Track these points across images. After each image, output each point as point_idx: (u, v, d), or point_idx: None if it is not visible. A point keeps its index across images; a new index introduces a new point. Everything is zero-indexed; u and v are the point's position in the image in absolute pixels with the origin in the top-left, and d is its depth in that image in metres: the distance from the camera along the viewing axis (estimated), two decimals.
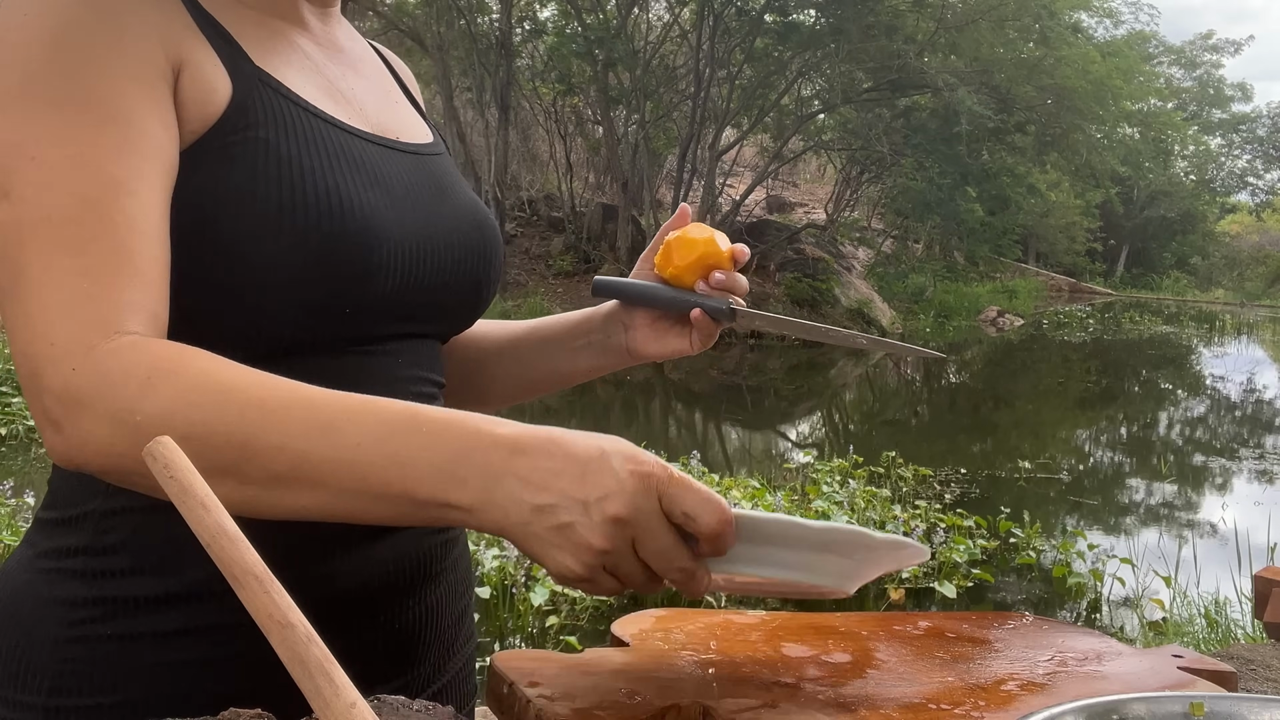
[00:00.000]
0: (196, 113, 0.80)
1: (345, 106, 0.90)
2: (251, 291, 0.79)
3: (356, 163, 0.85)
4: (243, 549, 0.66)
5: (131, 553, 0.82)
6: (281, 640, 0.61)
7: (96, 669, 0.81)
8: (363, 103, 0.93)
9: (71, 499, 0.84)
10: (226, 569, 0.65)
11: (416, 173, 0.91)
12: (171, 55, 0.80)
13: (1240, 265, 40.98)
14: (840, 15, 17.76)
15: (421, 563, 0.93)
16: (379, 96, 0.96)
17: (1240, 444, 10.76)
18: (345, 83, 0.92)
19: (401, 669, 0.92)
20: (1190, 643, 4.42)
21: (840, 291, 18.61)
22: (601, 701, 0.70)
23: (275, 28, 0.89)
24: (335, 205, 0.81)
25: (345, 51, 0.96)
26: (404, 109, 1.00)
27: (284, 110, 0.83)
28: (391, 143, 0.91)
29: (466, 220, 0.94)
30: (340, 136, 0.85)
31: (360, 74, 0.96)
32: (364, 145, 0.87)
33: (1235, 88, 41.93)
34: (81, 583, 0.82)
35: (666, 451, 7.03)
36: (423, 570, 0.93)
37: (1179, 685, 0.77)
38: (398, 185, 0.88)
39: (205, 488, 0.68)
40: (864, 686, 0.75)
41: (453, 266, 0.90)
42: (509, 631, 4.59)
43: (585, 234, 19.23)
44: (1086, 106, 20.09)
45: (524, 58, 20.42)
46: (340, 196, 0.81)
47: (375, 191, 0.84)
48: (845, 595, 0.74)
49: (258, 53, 0.85)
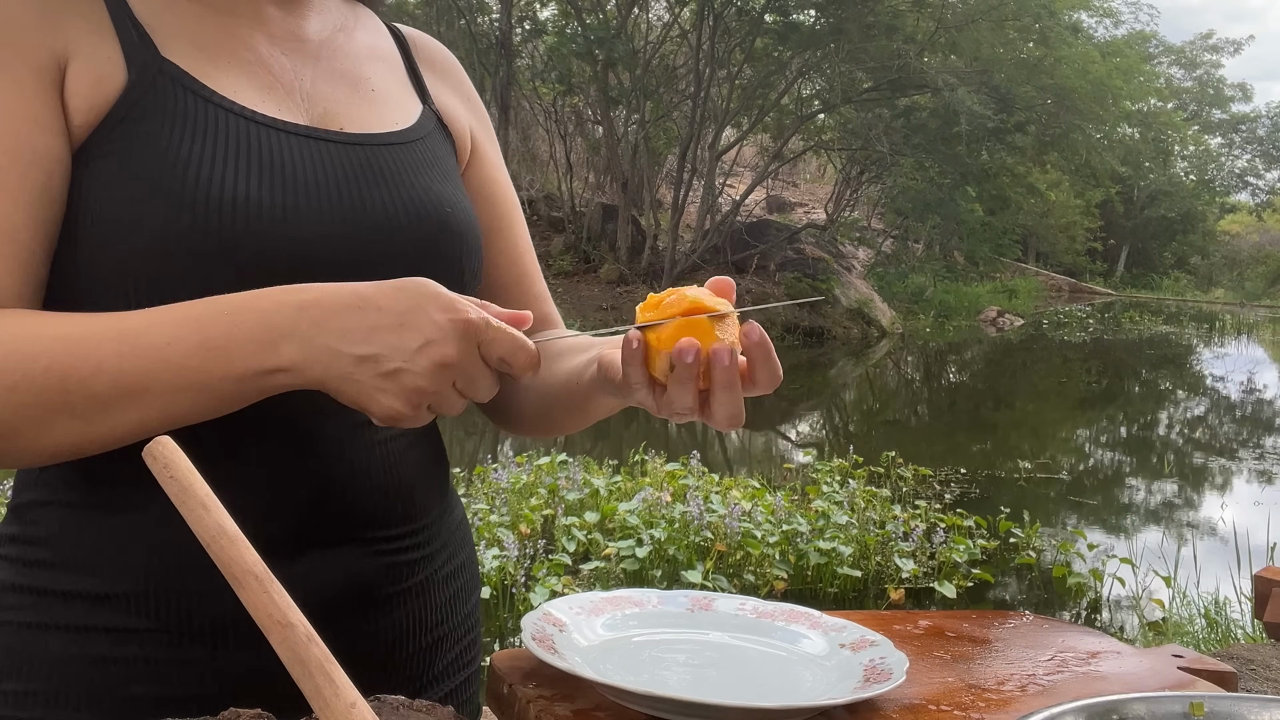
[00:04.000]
0: (86, 105, 0.81)
1: (281, 99, 0.89)
2: (127, 286, 0.80)
3: (252, 154, 0.84)
4: (242, 549, 0.66)
5: (53, 546, 0.84)
6: (281, 640, 0.61)
7: (11, 655, 0.84)
8: (311, 94, 0.92)
9: (18, 487, 0.88)
10: (226, 569, 0.65)
11: (349, 164, 0.89)
12: (58, 48, 0.82)
13: (1240, 265, 40.94)
14: (840, 15, 17.75)
15: (361, 585, 0.89)
16: (344, 87, 0.95)
17: (1240, 444, 10.76)
18: (292, 75, 0.92)
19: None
20: (1190, 643, 4.42)
21: (840, 291, 18.59)
22: (601, 701, 0.70)
23: (212, 20, 0.89)
24: (204, 198, 0.80)
25: (308, 42, 0.95)
26: (383, 96, 0.98)
27: (179, 102, 0.83)
28: (326, 134, 0.90)
29: (413, 214, 0.91)
30: (244, 128, 0.85)
31: (322, 64, 0.95)
32: (277, 137, 0.86)
33: (1235, 88, 41.89)
34: (12, 569, 0.86)
35: (667, 452, 7.02)
36: (364, 595, 0.89)
37: (1179, 685, 0.77)
38: (307, 177, 0.86)
39: (205, 488, 0.68)
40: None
41: (384, 261, 0.86)
42: (509, 631, 4.59)
43: (585, 234, 19.21)
44: (1086, 106, 20.07)
45: (524, 58, 20.40)
46: (216, 188, 0.81)
47: (267, 183, 0.83)
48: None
49: (174, 44, 0.86)
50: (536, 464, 6.34)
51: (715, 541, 5.29)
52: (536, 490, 6.00)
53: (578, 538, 5.36)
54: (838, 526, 5.55)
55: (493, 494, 5.86)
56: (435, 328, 0.73)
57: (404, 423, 0.75)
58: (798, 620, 0.84)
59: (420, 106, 1.01)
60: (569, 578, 4.94)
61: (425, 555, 0.96)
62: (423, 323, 0.73)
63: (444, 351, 0.73)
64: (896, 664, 0.74)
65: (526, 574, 4.87)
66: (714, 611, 0.85)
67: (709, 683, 0.75)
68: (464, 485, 6.24)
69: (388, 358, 0.73)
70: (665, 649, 0.80)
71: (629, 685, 0.67)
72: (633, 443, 7.69)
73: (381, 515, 0.91)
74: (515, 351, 0.75)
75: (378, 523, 0.91)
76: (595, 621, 0.82)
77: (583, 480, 6.03)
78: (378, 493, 0.90)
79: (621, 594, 0.87)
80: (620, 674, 0.72)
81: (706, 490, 5.95)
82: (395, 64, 1.03)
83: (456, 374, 0.74)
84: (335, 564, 0.88)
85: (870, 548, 5.49)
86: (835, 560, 5.29)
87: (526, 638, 0.74)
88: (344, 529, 0.88)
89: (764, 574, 5.20)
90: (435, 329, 0.73)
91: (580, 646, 0.77)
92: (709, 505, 5.54)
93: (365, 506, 0.90)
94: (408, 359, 0.73)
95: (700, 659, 0.79)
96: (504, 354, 0.75)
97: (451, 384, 0.75)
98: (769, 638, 0.82)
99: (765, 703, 0.68)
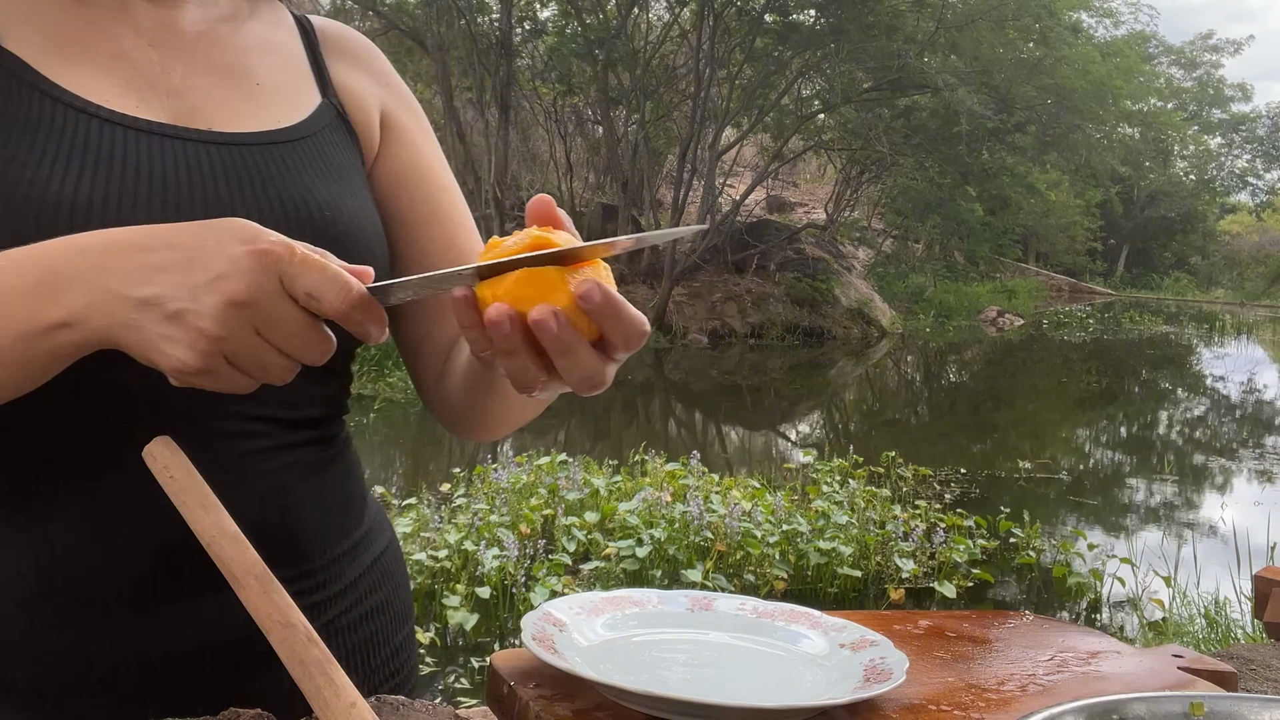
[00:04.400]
0: None
1: (142, 95, 0.85)
2: None
3: (89, 152, 0.79)
4: (243, 549, 0.66)
5: None
6: (281, 640, 0.61)
7: None
8: (180, 90, 0.87)
9: None
10: (226, 569, 0.65)
11: (213, 165, 0.84)
12: None
13: (1240, 265, 40.94)
14: (840, 15, 17.75)
15: (236, 640, 0.81)
16: (222, 82, 0.89)
17: (1240, 444, 10.76)
18: (158, 69, 0.87)
19: None
20: (1190, 643, 4.42)
21: (840, 291, 18.60)
22: (602, 701, 0.70)
23: (72, 11, 0.86)
24: (24, 198, 0.75)
25: (182, 34, 0.90)
26: (269, 91, 0.92)
27: (13, 95, 0.79)
28: (189, 132, 0.84)
29: (282, 218, 0.84)
30: (87, 125, 0.80)
31: (198, 58, 0.90)
32: (126, 135, 0.81)
33: (1235, 88, 41.89)
34: None
35: (667, 452, 7.03)
36: (240, 650, 0.82)
37: (1179, 685, 0.77)
38: (155, 178, 0.81)
39: (205, 487, 0.68)
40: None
41: None
42: (509, 632, 4.59)
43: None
44: (1086, 106, 20.07)
45: (524, 58, 20.40)
46: (40, 188, 0.76)
47: (102, 183, 0.78)
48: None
49: (20, 34, 0.82)
50: (536, 464, 6.34)
51: (715, 541, 5.29)
52: (536, 490, 6.00)
53: (578, 538, 5.36)
54: (838, 526, 5.55)
55: (493, 494, 5.87)
56: (227, 260, 0.63)
57: (203, 381, 0.64)
58: (798, 620, 0.84)
59: (319, 100, 0.94)
60: (569, 578, 4.95)
61: (323, 600, 0.88)
62: (213, 257, 0.63)
63: (233, 287, 0.62)
64: (896, 664, 0.74)
65: (526, 574, 4.87)
66: (714, 611, 0.85)
67: (709, 683, 0.75)
68: (464, 485, 6.25)
69: (170, 297, 0.63)
70: (665, 649, 0.80)
71: (629, 685, 0.67)
72: (633, 443, 7.69)
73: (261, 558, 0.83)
74: (325, 284, 0.63)
75: None
76: (595, 621, 0.82)
77: (583, 480, 6.03)
78: (254, 532, 0.76)
79: (621, 594, 0.87)
80: (620, 674, 0.72)
81: (706, 490, 5.96)
82: (292, 55, 0.96)
83: (255, 316, 0.63)
84: (204, 616, 0.81)
85: (870, 548, 5.49)
86: (835, 560, 5.29)
87: (526, 638, 0.74)
88: (212, 575, 0.74)
89: (764, 574, 5.20)
90: (227, 262, 0.63)
91: (580, 646, 0.77)
92: (709, 505, 5.55)
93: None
94: (192, 298, 0.62)
95: (700, 659, 0.79)
96: (310, 287, 0.63)
97: (253, 330, 0.63)
98: (769, 638, 0.82)
99: (765, 703, 0.68)
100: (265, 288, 0.62)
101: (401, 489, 6.72)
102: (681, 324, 17.15)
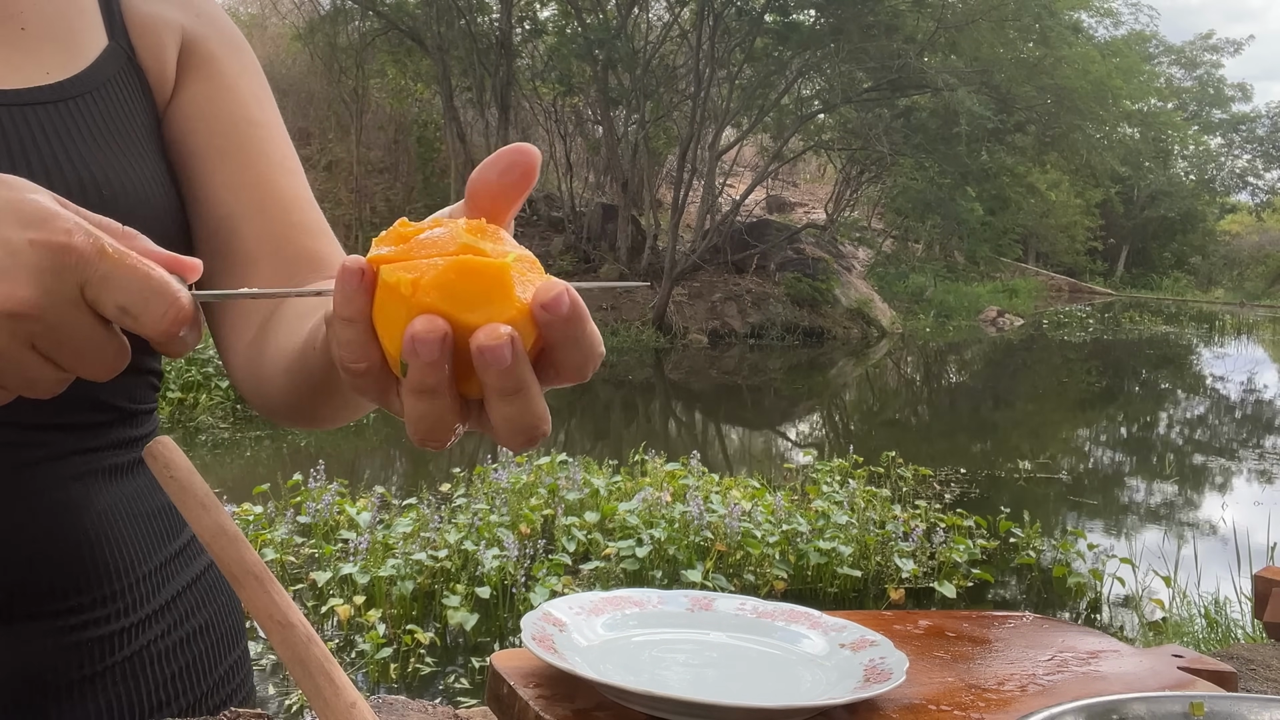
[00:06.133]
0: None
1: None
2: None
3: None
4: (242, 548, 0.66)
5: None
6: (281, 640, 0.61)
7: None
8: None
9: None
10: (226, 568, 0.65)
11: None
12: None
13: (1240, 265, 40.94)
14: (840, 15, 17.75)
15: (29, 675, 0.72)
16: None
17: (1240, 444, 10.76)
18: None
19: None
20: (1190, 643, 4.42)
21: (840, 291, 18.60)
22: (601, 701, 0.70)
23: None
24: None
25: None
26: (37, 37, 0.75)
27: None
28: None
29: (69, 187, 0.69)
30: None
31: None
32: None
33: (1235, 88, 41.88)
34: None
35: (667, 452, 7.02)
36: (34, 687, 0.72)
37: (1179, 685, 0.77)
38: None
39: (205, 487, 0.68)
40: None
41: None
42: (509, 631, 4.59)
43: (585, 234, 19.22)
44: (1086, 106, 20.07)
45: (524, 58, 20.40)
46: None
47: None
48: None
49: None
50: (536, 464, 6.34)
51: (715, 541, 5.29)
52: (536, 490, 6.00)
53: (578, 538, 5.37)
54: (838, 526, 5.55)
55: (492, 494, 5.87)
56: (6, 252, 0.46)
57: None
58: (798, 620, 0.84)
59: (105, 42, 0.78)
60: (569, 578, 4.94)
61: (134, 624, 0.78)
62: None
63: (13, 292, 0.45)
64: (896, 664, 0.74)
65: (526, 574, 4.87)
66: (714, 611, 0.85)
67: (709, 682, 0.75)
68: (464, 485, 6.25)
69: None
70: (665, 649, 0.80)
71: (629, 685, 0.67)
72: (633, 443, 7.69)
73: (49, 583, 0.71)
74: (147, 299, 0.47)
75: (44, 593, 0.71)
76: (595, 621, 0.82)
77: (583, 480, 6.03)
78: (40, 554, 0.67)
79: (621, 594, 0.87)
80: (620, 674, 0.72)
81: (706, 490, 5.96)
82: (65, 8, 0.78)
83: (36, 329, 0.46)
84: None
85: (870, 548, 5.49)
86: (835, 560, 5.29)
87: (526, 638, 0.74)
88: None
89: (764, 574, 5.20)
90: (6, 254, 0.46)
91: (580, 646, 0.77)
92: (709, 505, 5.55)
93: (19, 574, 0.70)
94: None
95: (700, 659, 0.79)
96: (126, 301, 0.47)
97: (28, 345, 0.47)
98: (769, 637, 0.82)
99: (765, 703, 0.68)
100: (58, 297, 0.46)
101: (401, 489, 6.72)
102: (681, 324, 17.15)
